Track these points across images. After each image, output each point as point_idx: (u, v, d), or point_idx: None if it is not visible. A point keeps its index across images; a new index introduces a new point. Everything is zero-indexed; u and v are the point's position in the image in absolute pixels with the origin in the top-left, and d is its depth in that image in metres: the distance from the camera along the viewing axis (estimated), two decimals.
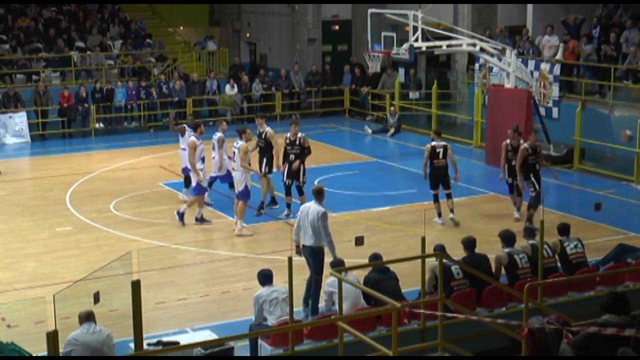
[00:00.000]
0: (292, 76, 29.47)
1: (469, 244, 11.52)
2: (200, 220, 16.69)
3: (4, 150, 24.56)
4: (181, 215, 16.61)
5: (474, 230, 15.84)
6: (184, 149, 17.61)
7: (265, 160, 17.16)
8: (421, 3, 22.75)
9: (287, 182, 16.82)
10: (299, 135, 16.80)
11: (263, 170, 17.17)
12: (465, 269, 10.90)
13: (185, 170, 17.72)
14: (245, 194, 15.99)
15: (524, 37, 24.57)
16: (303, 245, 12.00)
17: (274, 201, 17.68)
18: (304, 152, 16.76)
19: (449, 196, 16.62)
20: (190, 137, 17.06)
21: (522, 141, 16.41)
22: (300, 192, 16.74)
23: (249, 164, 16.25)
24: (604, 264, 12.75)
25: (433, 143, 16.67)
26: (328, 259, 11.73)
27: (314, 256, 11.90)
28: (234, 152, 16.28)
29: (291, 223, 16.27)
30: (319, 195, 12.08)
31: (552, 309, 9.94)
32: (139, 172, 21.38)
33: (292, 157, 16.74)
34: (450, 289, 10.75)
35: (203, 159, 17.23)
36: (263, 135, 17.19)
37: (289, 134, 16.93)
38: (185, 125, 18.27)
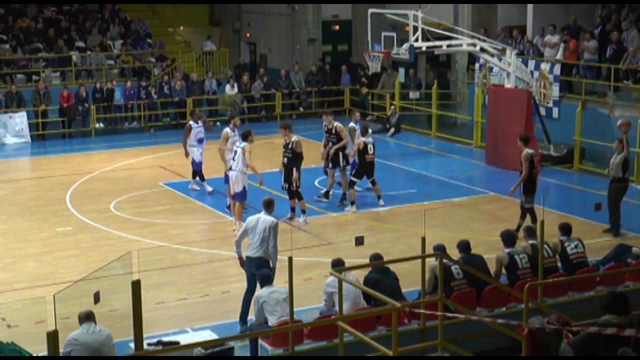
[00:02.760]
0: (292, 76, 29.45)
1: (463, 246, 11.52)
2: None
3: (4, 150, 24.53)
4: None
5: (474, 230, 15.86)
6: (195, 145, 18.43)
7: (341, 154, 17.58)
8: (421, 3, 22.74)
9: (283, 186, 16.59)
10: (293, 139, 16.45)
11: (341, 164, 17.66)
12: (465, 269, 10.90)
13: (195, 165, 18.61)
14: (242, 195, 15.87)
15: (517, 39, 24.52)
16: (247, 257, 11.66)
17: (344, 197, 17.79)
18: (296, 157, 16.40)
19: (374, 182, 17.72)
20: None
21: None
22: (299, 197, 16.48)
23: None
24: (604, 264, 12.74)
25: (363, 139, 17.39)
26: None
27: (262, 267, 11.47)
28: (235, 152, 16.11)
29: (293, 224, 16.33)
30: (269, 206, 11.92)
31: (552, 309, 9.94)
32: (139, 172, 21.36)
33: (285, 160, 16.46)
34: (450, 289, 10.75)
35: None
36: (333, 131, 17.63)
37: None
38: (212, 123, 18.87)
